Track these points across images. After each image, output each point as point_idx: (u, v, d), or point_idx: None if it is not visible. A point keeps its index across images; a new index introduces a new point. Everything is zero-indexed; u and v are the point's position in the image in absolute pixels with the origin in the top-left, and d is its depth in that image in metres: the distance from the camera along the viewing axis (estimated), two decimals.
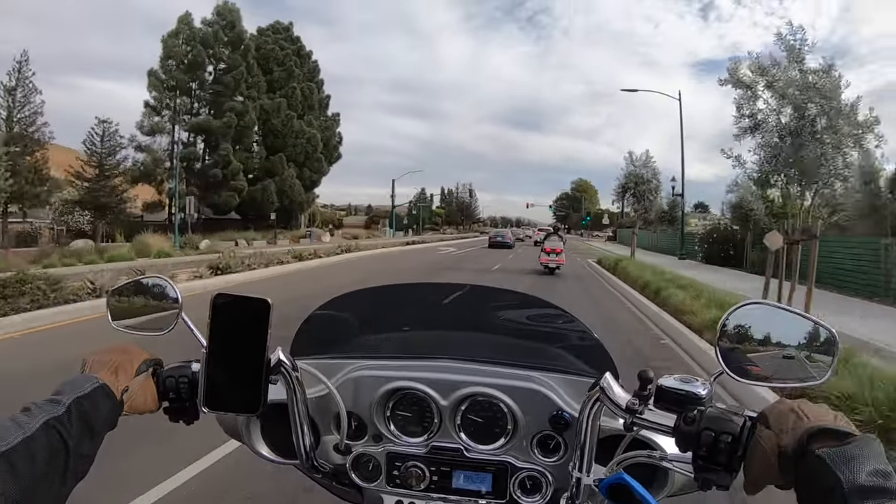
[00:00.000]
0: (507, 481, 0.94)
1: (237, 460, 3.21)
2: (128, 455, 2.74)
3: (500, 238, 38.53)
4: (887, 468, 0.54)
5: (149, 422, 0.93)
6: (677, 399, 0.72)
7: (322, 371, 0.94)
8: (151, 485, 2.97)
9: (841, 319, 8.45)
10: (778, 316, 0.78)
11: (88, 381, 0.74)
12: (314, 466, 0.97)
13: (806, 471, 0.58)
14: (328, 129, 46.06)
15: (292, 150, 42.82)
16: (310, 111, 45.36)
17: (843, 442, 0.57)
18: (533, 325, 1.24)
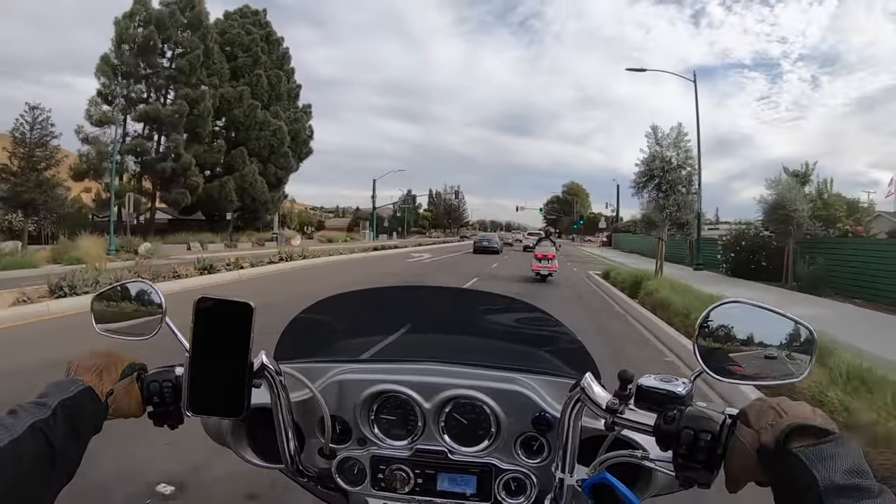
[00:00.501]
0: (491, 483, 0.95)
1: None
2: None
3: (486, 242, 35.46)
4: (864, 467, 0.55)
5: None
6: (657, 398, 0.73)
7: (306, 375, 0.95)
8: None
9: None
10: (757, 314, 0.78)
11: (74, 384, 0.75)
12: (299, 470, 0.97)
13: (783, 469, 0.59)
14: (297, 121, 41.39)
15: (256, 144, 38.36)
16: (277, 101, 40.95)
17: (821, 441, 0.58)
18: (516, 328, 1.23)
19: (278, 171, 39.47)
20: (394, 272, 18.57)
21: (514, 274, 19.01)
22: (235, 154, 37.42)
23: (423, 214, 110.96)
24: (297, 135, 41.06)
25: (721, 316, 0.78)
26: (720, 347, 0.77)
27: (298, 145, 41.46)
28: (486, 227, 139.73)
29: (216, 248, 31.31)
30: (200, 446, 2.55)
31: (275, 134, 38.63)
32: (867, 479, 0.54)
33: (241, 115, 37.90)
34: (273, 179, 39.32)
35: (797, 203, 15.35)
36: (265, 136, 38.43)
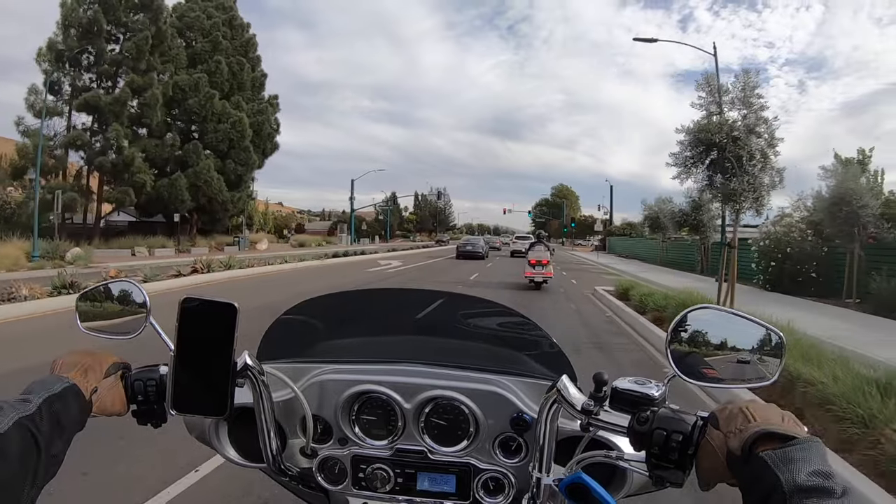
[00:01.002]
0: (470, 483, 0.96)
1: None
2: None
3: (470, 247, 32.05)
4: (828, 468, 0.56)
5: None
6: (631, 400, 0.75)
7: (288, 375, 0.97)
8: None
9: None
10: (728, 320, 0.80)
11: (59, 381, 0.76)
12: (281, 470, 0.97)
13: (750, 472, 0.61)
14: (261, 113, 37.34)
15: (213, 137, 34.41)
16: (239, 91, 37.01)
17: (786, 444, 0.60)
18: (496, 331, 1.24)
19: (238, 167, 35.32)
20: (337, 288, 14.28)
21: (498, 283, 15.80)
22: (189, 148, 33.43)
23: (409, 217, 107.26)
24: (260, 128, 36.94)
25: (693, 321, 0.80)
26: (693, 351, 0.80)
27: (262, 139, 37.35)
28: (473, 230, 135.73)
29: (166, 253, 27.79)
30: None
31: (234, 126, 34.59)
32: (831, 481, 0.55)
33: (196, 106, 33.90)
34: (233, 177, 35.25)
35: (865, 197, 11.64)
36: (223, 128, 34.43)
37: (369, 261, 26.30)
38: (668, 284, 13.45)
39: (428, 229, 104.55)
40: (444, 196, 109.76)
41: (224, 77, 35.92)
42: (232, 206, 35.89)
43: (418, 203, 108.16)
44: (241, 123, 34.77)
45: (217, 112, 34.41)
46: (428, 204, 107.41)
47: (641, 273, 20.40)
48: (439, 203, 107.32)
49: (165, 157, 33.53)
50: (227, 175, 34.83)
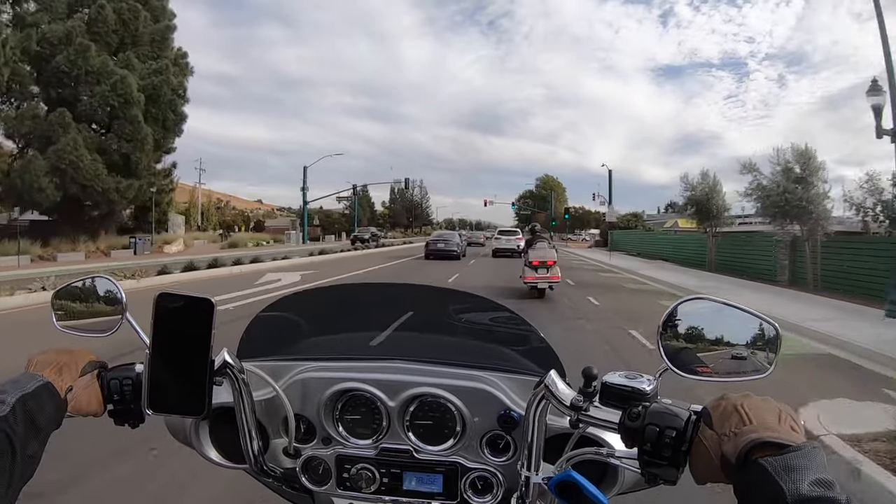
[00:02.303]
0: (457, 482, 0.94)
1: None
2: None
3: (442, 244, 25.63)
4: (829, 477, 0.55)
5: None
6: (622, 395, 0.72)
7: (269, 373, 0.95)
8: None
9: None
10: (721, 311, 0.79)
11: (33, 380, 0.74)
12: (263, 470, 0.96)
13: (748, 479, 0.58)
14: (160, 73, 28.01)
15: (88, 105, 25.38)
16: (134, 47, 28.01)
17: (786, 451, 0.58)
18: (482, 327, 1.23)
19: (124, 144, 26.03)
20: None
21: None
22: (53, 119, 24.35)
23: (383, 212, 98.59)
24: (156, 92, 27.62)
25: (686, 313, 0.79)
26: (686, 344, 0.78)
27: (160, 108, 27.96)
28: (453, 225, 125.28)
29: (17, 262, 19.15)
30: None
31: (115, 89, 25.46)
32: (833, 491, 0.53)
33: (65, 62, 24.78)
34: (117, 158, 26.07)
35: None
36: (101, 92, 25.29)
37: (253, 274, 16.87)
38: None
39: (403, 224, 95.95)
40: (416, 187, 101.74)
41: (110, 27, 26.87)
42: (119, 196, 26.63)
43: (394, 196, 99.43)
44: (125, 84, 25.51)
45: (95, 70, 25.31)
46: (400, 197, 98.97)
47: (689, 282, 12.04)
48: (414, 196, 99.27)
49: (25, 133, 24.62)
50: (109, 155, 25.72)
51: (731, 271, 17.73)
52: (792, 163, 13.66)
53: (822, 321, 8.78)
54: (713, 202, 18.70)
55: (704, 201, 18.73)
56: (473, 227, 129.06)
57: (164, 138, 29.01)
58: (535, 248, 11.57)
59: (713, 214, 18.65)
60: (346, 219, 74.62)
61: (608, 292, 13.23)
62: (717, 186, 18.77)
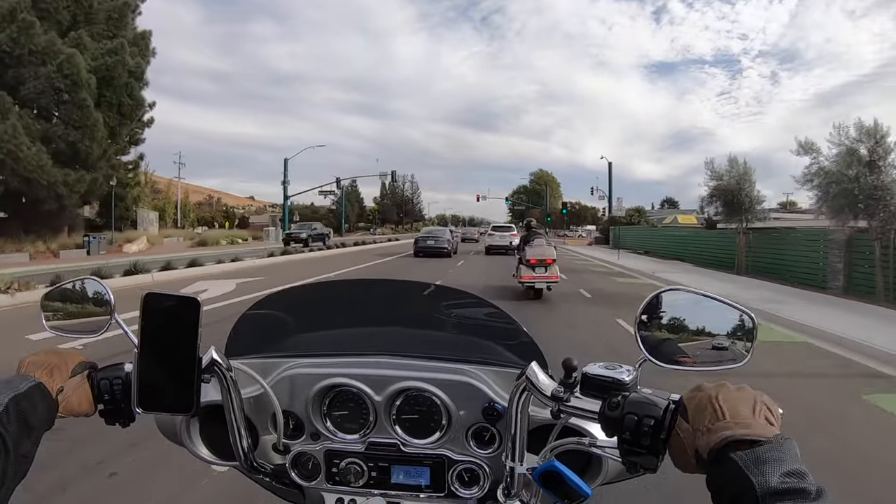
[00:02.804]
0: (444, 474, 0.95)
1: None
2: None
3: (432, 241, 24.40)
4: (801, 468, 0.55)
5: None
6: (602, 386, 0.73)
7: (257, 370, 0.95)
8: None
9: None
10: (699, 302, 0.80)
11: (25, 381, 0.75)
12: (253, 467, 0.97)
13: (719, 473, 0.59)
14: (115, 53, 25.05)
15: (32, 87, 22.46)
16: (88, 25, 25.10)
17: (757, 444, 0.58)
18: (466, 322, 1.23)
19: (71, 131, 23.20)
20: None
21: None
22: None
23: (372, 208, 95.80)
24: (110, 74, 24.69)
25: (664, 304, 0.79)
26: (663, 335, 0.79)
27: (114, 92, 25.01)
28: (446, 221, 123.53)
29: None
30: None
31: (61, 69, 22.59)
32: (805, 482, 0.53)
33: (6, 41, 21.84)
34: (64, 147, 23.22)
35: None
36: (46, 73, 22.41)
37: (178, 282, 13.45)
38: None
39: (393, 220, 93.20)
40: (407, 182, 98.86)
41: (61, 3, 23.95)
42: (68, 190, 23.74)
43: (385, 192, 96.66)
44: (71, 65, 22.63)
45: (40, 50, 22.39)
46: (390, 193, 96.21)
47: (783, 306, 9.51)
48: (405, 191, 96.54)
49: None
50: (55, 144, 22.86)
51: (767, 275, 15.18)
52: (858, 142, 11.03)
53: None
54: (744, 192, 16.07)
55: (734, 192, 16.07)
56: (466, 222, 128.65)
57: (121, 125, 25.98)
58: (533, 246, 10.62)
59: (745, 207, 15.98)
60: (333, 215, 71.71)
61: (621, 299, 10.57)
62: (748, 174, 16.08)
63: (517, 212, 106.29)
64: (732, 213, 16.40)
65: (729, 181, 16.24)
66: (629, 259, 23.02)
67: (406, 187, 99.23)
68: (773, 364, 6.10)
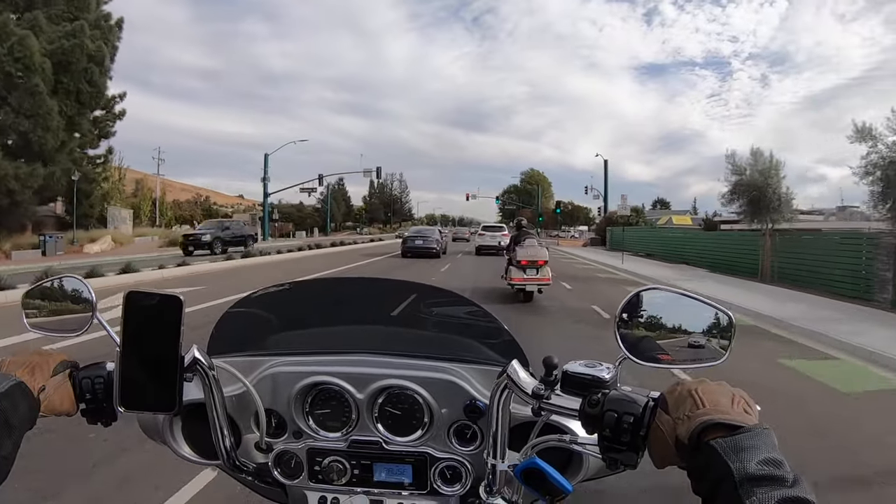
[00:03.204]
0: (427, 472, 0.96)
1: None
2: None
3: (420, 241, 23.68)
4: (778, 457, 0.56)
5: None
6: (582, 383, 0.74)
7: (239, 369, 0.96)
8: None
9: None
10: (677, 301, 0.81)
11: (6, 380, 0.74)
12: (236, 466, 0.96)
13: (699, 460, 0.60)
14: (73, 37, 22.90)
15: None
16: (46, 6, 23.05)
17: (736, 432, 0.59)
18: (448, 320, 1.25)
19: (22, 120, 21.03)
20: None
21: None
22: None
23: (360, 207, 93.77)
24: (67, 59, 22.56)
25: (644, 302, 0.80)
26: (643, 333, 0.79)
27: (73, 78, 22.95)
28: (435, 221, 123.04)
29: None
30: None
31: (11, 52, 20.47)
32: (782, 469, 0.54)
33: None
34: (15, 137, 21.09)
35: None
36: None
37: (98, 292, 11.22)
38: None
39: (381, 220, 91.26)
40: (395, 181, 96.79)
41: None
42: (20, 185, 21.56)
43: (374, 191, 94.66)
44: (23, 47, 20.55)
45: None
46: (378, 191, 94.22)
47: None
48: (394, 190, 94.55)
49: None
50: (6, 134, 20.81)
51: (796, 283, 13.47)
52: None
53: None
54: (772, 189, 14.30)
55: (760, 188, 14.33)
56: (456, 222, 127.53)
57: (80, 115, 23.99)
58: (524, 246, 10.17)
59: (772, 206, 14.23)
60: (318, 214, 69.71)
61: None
62: (776, 168, 14.32)
63: (508, 211, 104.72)
64: (758, 212, 14.58)
65: (753, 176, 14.51)
66: (633, 262, 21.26)
67: (394, 186, 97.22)
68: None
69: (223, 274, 15.29)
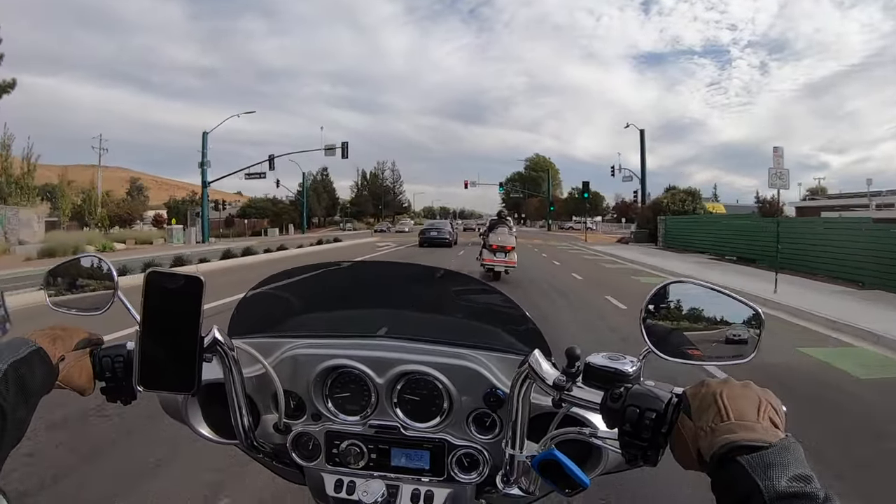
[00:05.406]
0: (444, 458, 0.95)
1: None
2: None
3: (435, 232, 27.42)
4: (808, 472, 0.54)
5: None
6: (605, 376, 0.73)
7: (259, 350, 0.96)
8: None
9: None
10: (705, 295, 0.79)
11: (25, 345, 0.75)
12: (254, 446, 0.97)
13: (724, 476, 0.57)
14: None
15: None
16: None
17: (763, 447, 0.56)
18: (471, 306, 1.24)
19: None
20: None
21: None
22: None
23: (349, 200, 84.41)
24: None
25: (670, 296, 0.79)
26: (669, 327, 0.78)
27: None
28: (434, 214, 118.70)
29: None
30: None
31: None
32: (812, 485, 0.52)
33: None
34: None
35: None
36: None
37: None
38: None
39: (370, 213, 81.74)
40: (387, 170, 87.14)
41: None
42: None
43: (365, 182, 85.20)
44: None
45: None
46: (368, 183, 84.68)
47: None
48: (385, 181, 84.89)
49: None
50: None
51: None
52: None
53: None
54: None
55: None
56: (457, 215, 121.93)
57: None
58: (496, 232, 12.11)
59: None
60: (294, 208, 60.23)
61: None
62: None
63: (513, 200, 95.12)
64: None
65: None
66: (735, 275, 12.10)
67: (386, 176, 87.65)
68: None
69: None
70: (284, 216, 58.01)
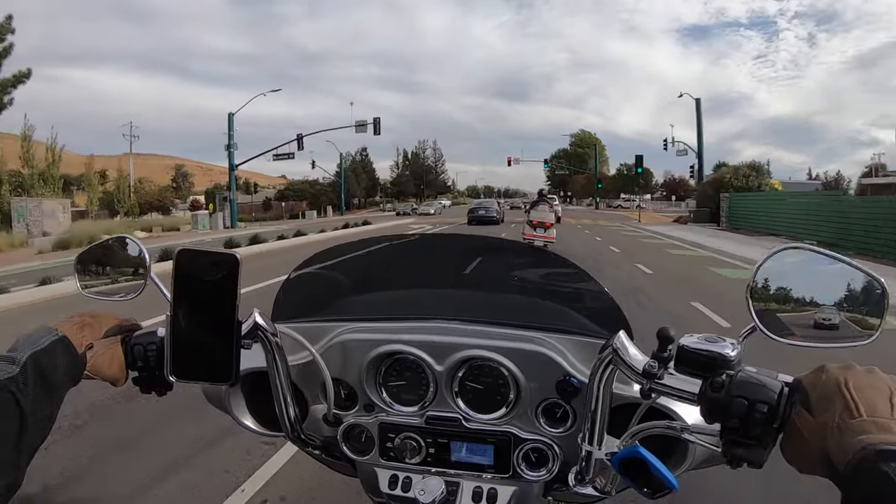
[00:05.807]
0: (510, 454, 0.88)
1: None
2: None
3: (483, 211, 29.45)
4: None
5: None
6: (702, 362, 0.63)
7: (305, 336, 0.90)
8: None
9: None
10: (822, 263, 0.68)
11: (46, 335, 0.70)
12: (301, 439, 0.92)
13: (863, 487, 0.47)
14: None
15: None
16: None
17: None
18: (540, 283, 1.16)
19: None
20: None
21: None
22: None
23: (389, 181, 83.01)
24: None
25: (781, 265, 0.69)
26: (777, 302, 0.68)
27: None
28: (478, 193, 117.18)
29: None
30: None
31: None
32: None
33: None
34: None
35: None
36: None
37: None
38: None
39: (411, 193, 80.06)
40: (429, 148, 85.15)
41: None
42: None
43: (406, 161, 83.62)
44: None
45: None
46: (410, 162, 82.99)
47: None
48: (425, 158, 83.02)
49: None
50: None
51: None
52: None
53: None
54: None
55: None
56: (501, 193, 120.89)
57: None
58: (537, 210, 13.13)
59: None
60: (333, 189, 59.07)
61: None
62: None
63: (558, 178, 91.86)
64: None
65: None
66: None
67: (427, 155, 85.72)
68: None
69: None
70: (323, 198, 57.07)
